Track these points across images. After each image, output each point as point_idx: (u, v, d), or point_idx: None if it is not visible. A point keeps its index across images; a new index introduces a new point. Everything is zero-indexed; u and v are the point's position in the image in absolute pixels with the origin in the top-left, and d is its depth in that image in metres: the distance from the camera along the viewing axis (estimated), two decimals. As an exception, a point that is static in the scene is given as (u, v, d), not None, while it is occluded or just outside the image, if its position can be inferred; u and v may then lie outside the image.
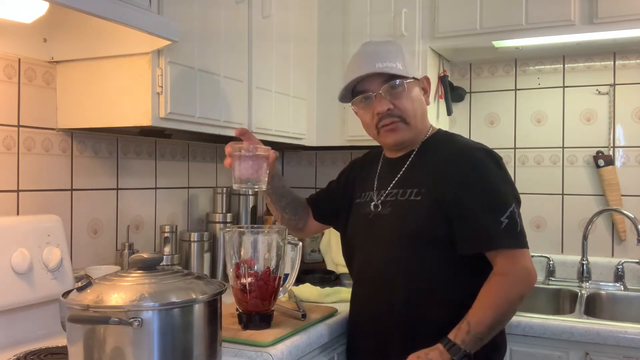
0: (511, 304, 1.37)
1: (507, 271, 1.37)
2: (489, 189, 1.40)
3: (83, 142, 1.78)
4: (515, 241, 1.38)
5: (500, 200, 1.39)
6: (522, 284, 1.39)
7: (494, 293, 1.37)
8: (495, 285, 1.38)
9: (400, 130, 1.50)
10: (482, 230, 1.38)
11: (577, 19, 2.05)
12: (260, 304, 1.45)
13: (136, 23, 1.38)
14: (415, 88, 1.52)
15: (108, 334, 1.05)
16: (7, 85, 1.57)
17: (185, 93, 1.66)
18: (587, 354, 1.74)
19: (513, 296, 1.37)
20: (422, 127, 1.54)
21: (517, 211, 1.40)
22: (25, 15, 1.44)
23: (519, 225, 1.39)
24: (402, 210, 1.48)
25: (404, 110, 1.48)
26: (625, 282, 2.25)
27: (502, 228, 1.36)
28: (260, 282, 1.44)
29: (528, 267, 1.40)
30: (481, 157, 1.44)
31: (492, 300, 1.36)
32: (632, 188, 2.34)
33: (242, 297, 1.45)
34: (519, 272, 1.38)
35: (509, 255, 1.38)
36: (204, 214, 2.28)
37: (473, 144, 1.52)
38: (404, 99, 1.48)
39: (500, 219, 1.36)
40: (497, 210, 1.37)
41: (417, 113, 1.51)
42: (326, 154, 2.80)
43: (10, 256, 1.40)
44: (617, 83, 2.37)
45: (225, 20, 1.83)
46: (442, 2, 2.24)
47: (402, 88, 1.47)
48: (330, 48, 2.39)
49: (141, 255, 1.17)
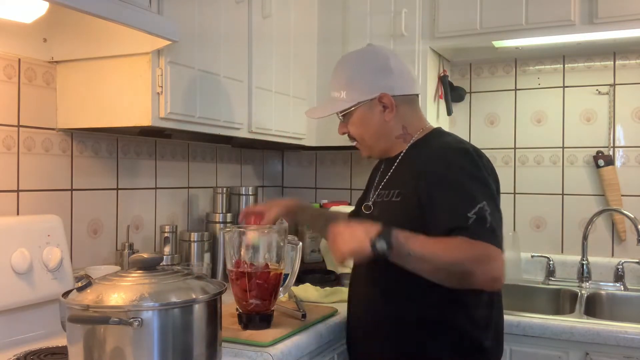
0: (456, 265, 1.25)
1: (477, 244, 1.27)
2: (458, 187, 1.37)
3: (83, 142, 1.78)
4: (482, 234, 1.28)
5: (468, 197, 1.34)
6: (480, 265, 1.25)
7: (457, 245, 1.26)
8: (461, 241, 1.27)
9: (362, 150, 1.62)
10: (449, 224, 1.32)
11: (577, 19, 2.05)
12: (260, 304, 1.45)
13: (136, 23, 1.38)
14: (363, 112, 1.53)
15: (108, 334, 1.05)
16: (7, 85, 1.57)
17: (185, 93, 1.66)
18: (587, 354, 1.74)
19: (465, 264, 1.25)
20: (381, 144, 1.56)
21: (490, 209, 1.31)
22: (25, 15, 1.44)
23: (488, 222, 1.30)
24: (384, 211, 1.50)
25: (354, 136, 1.58)
26: (625, 282, 2.25)
27: (470, 223, 1.30)
28: (260, 281, 1.44)
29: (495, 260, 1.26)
30: (456, 156, 1.43)
31: (448, 247, 1.26)
32: (632, 188, 2.34)
33: (242, 297, 1.45)
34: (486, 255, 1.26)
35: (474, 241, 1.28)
36: (204, 214, 2.28)
37: (454, 143, 1.49)
38: (352, 125, 1.56)
39: (467, 214, 1.31)
40: (465, 208, 1.31)
41: (367, 135, 1.55)
42: (326, 154, 2.80)
43: (10, 256, 1.40)
44: (617, 83, 2.37)
45: (225, 20, 1.83)
46: (442, 2, 2.24)
47: (348, 116, 1.55)
48: (330, 48, 2.39)
49: (141, 255, 1.17)
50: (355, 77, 1.54)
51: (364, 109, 1.53)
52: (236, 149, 2.52)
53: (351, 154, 2.75)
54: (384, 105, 1.52)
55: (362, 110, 1.53)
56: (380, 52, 1.57)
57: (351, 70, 1.55)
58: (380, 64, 1.54)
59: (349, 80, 1.54)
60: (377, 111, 1.52)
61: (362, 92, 1.52)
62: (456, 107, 2.56)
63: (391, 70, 1.53)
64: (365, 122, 1.54)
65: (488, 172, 1.43)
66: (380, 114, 1.52)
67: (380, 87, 1.51)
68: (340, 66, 1.59)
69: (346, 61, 1.59)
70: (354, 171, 2.75)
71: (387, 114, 1.53)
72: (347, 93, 1.52)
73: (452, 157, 1.44)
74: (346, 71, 1.56)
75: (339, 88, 1.54)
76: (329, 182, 2.80)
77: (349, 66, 1.57)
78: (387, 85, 1.52)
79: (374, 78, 1.52)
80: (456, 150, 1.45)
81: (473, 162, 1.42)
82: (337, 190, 2.77)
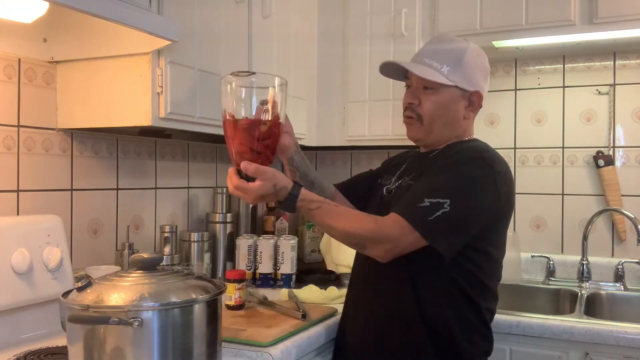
0: (347, 239, 1.40)
1: (383, 225, 1.35)
2: (443, 177, 1.39)
3: (83, 142, 1.78)
4: (413, 217, 1.33)
5: (440, 187, 1.36)
6: (370, 243, 1.36)
7: (354, 220, 1.38)
8: (365, 218, 1.38)
9: (413, 127, 1.54)
10: (407, 199, 1.38)
11: (577, 19, 2.05)
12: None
13: (136, 23, 1.38)
14: (452, 95, 1.50)
15: (108, 334, 1.05)
16: (7, 85, 1.57)
17: (185, 93, 1.66)
18: (587, 354, 1.74)
19: (355, 238, 1.38)
20: (442, 134, 1.53)
21: (449, 209, 1.32)
22: (25, 15, 1.44)
23: (434, 216, 1.31)
24: (400, 194, 1.50)
25: (424, 110, 1.50)
26: (625, 282, 2.25)
27: (419, 205, 1.33)
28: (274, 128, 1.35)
29: (387, 241, 1.34)
30: (471, 161, 1.42)
31: (345, 222, 1.37)
32: (632, 188, 2.34)
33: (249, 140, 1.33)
34: (386, 231, 1.34)
35: (397, 219, 1.34)
36: (204, 214, 2.28)
37: (480, 152, 1.46)
38: (429, 101, 1.49)
39: (424, 198, 1.33)
40: (430, 193, 1.34)
41: (438, 118, 1.50)
42: (326, 154, 2.80)
43: (10, 256, 1.40)
44: (617, 83, 2.37)
45: (225, 20, 1.83)
46: (442, 2, 2.24)
47: (433, 90, 1.49)
48: (330, 48, 2.39)
49: (141, 255, 1.17)
50: (466, 62, 1.50)
51: (455, 95, 1.50)
52: (236, 149, 2.52)
53: (351, 154, 2.75)
54: (472, 102, 1.52)
55: (452, 95, 1.50)
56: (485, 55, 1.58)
57: (465, 53, 1.51)
58: (486, 65, 1.56)
59: (459, 60, 1.49)
60: (463, 104, 1.52)
61: (464, 78, 1.49)
62: (456, 107, 2.55)
63: (488, 75, 1.57)
64: (447, 107, 1.50)
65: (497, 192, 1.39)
66: (463, 108, 1.52)
67: (479, 85, 1.52)
68: (451, 43, 1.54)
69: (460, 42, 1.54)
70: (354, 171, 2.74)
71: (470, 111, 1.53)
72: (451, 70, 1.48)
73: (464, 156, 1.44)
74: (460, 51, 1.51)
75: (443, 61, 1.49)
76: (329, 182, 2.79)
77: (463, 48, 1.52)
78: (483, 86, 1.54)
79: (479, 74, 1.52)
80: (474, 154, 1.45)
81: (480, 169, 1.40)
82: (337, 190, 2.76)
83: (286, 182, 1.36)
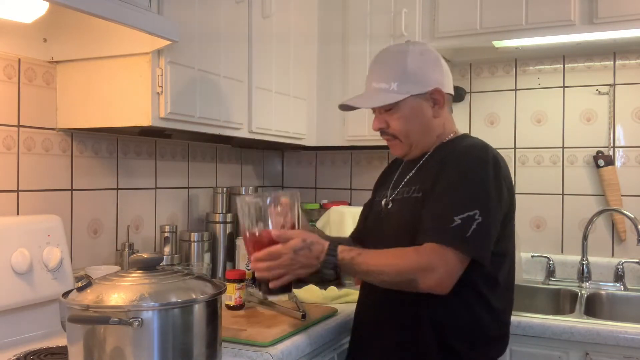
0: (398, 276, 1.34)
1: (424, 254, 1.33)
2: (459, 187, 1.38)
3: (83, 142, 1.78)
4: (452, 240, 1.32)
5: (463, 201, 1.35)
6: (420, 274, 1.32)
7: (397, 256, 1.35)
8: (405, 252, 1.35)
9: (396, 147, 1.54)
10: (434, 222, 1.36)
11: (577, 19, 2.05)
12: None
13: (136, 23, 1.38)
14: (413, 105, 1.48)
15: (108, 334, 1.05)
16: (7, 85, 1.57)
17: (185, 93, 1.66)
18: (587, 354, 1.74)
19: (404, 274, 1.33)
20: (424, 141, 1.52)
21: (482, 218, 1.32)
22: (25, 15, 1.44)
23: (470, 231, 1.31)
24: (404, 206, 1.49)
25: (395, 130, 1.50)
26: (625, 282, 2.25)
27: (452, 226, 1.32)
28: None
29: (436, 269, 1.31)
30: (471, 158, 1.42)
31: (390, 259, 1.35)
32: (632, 188, 2.34)
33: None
34: (431, 259, 1.32)
35: (435, 248, 1.33)
36: (204, 214, 2.28)
37: (475, 147, 1.47)
38: (394, 120, 1.49)
39: (454, 217, 1.32)
40: (458, 209, 1.33)
41: (412, 131, 1.49)
42: (326, 154, 2.80)
43: (10, 256, 1.40)
44: (617, 83, 2.37)
45: (225, 21, 1.84)
46: (442, 2, 2.24)
47: (393, 109, 1.48)
48: (330, 48, 2.40)
49: (141, 255, 1.17)
50: (411, 69, 1.47)
51: (415, 103, 1.48)
52: (236, 149, 2.52)
53: (351, 154, 2.75)
54: (435, 101, 1.49)
55: (412, 104, 1.48)
56: (432, 48, 1.55)
57: (406, 61, 1.48)
58: (434, 58, 1.51)
59: (403, 71, 1.47)
60: (427, 106, 1.49)
61: (416, 84, 1.47)
62: (456, 107, 2.55)
63: (442, 66, 1.52)
64: (414, 117, 1.49)
65: (506, 187, 1.41)
66: (429, 110, 1.50)
67: (434, 81, 1.48)
68: (389, 57, 1.52)
69: (398, 53, 1.51)
70: (354, 171, 2.75)
71: (437, 110, 1.50)
72: (400, 85, 1.46)
73: (467, 159, 1.42)
74: (400, 62, 1.48)
75: (389, 79, 1.47)
76: (329, 182, 2.80)
77: (403, 57, 1.49)
78: (440, 80, 1.50)
79: (430, 71, 1.49)
80: (475, 154, 1.43)
81: (486, 168, 1.39)
82: (337, 190, 2.77)
83: (315, 238, 1.37)
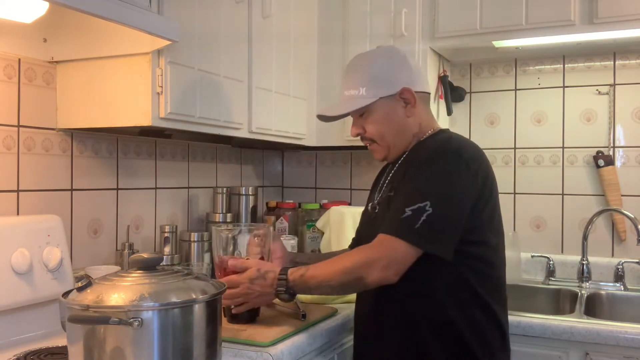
0: (345, 277, 1.38)
1: (371, 247, 1.38)
2: (416, 181, 1.40)
3: (83, 142, 1.78)
4: (399, 230, 1.34)
5: (416, 192, 1.37)
6: (365, 269, 1.36)
7: (342, 259, 1.41)
8: (352, 252, 1.43)
9: (376, 151, 1.58)
10: (390, 216, 1.40)
11: (577, 19, 2.05)
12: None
13: (136, 23, 1.38)
14: (384, 107, 1.51)
15: (108, 334, 1.05)
16: (7, 85, 1.57)
17: (185, 93, 1.66)
18: (587, 354, 1.74)
19: (351, 273, 1.37)
20: (401, 142, 1.54)
21: (432, 210, 1.33)
22: (25, 15, 1.44)
23: (420, 222, 1.32)
24: (383, 208, 1.51)
25: (371, 134, 1.54)
26: (625, 282, 2.25)
27: (402, 217, 1.34)
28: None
29: (375, 262, 1.35)
30: (434, 151, 1.45)
31: (336, 264, 1.40)
32: (632, 188, 2.34)
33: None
34: (374, 252, 1.36)
35: (384, 238, 1.36)
36: (204, 214, 2.28)
37: (442, 141, 1.49)
38: (369, 124, 1.53)
39: (405, 208, 1.35)
40: (408, 201, 1.36)
41: (387, 133, 1.52)
42: (326, 154, 2.80)
43: (10, 256, 1.40)
44: (617, 83, 2.37)
45: (225, 20, 1.84)
46: (442, 2, 2.24)
47: (366, 114, 1.52)
48: (330, 48, 2.40)
49: (141, 255, 1.17)
50: (377, 72, 1.51)
51: (386, 105, 1.51)
52: (236, 149, 2.52)
53: (351, 154, 2.75)
54: (406, 100, 1.51)
55: (384, 107, 1.51)
56: (398, 49, 1.58)
57: (372, 66, 1.53)
58: (400, 59, 1.54)
59: (370, 75, 1.51)
60: (398, 107, 1.52)
61: (384, 87, 1.50)
62: (456, 107, 2.56)
63: (410, 65, 1.54)
64: (387, 119, 1.52)
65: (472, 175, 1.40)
66: (401, 110, 1.52)
67: (402, 82, 1.50)
68: (357, 64, 1.56)
69: (364, 59, 1.57)
70: (354, 171, 2.75)
71: (409, 109, 1.52)
72: (368, 89, 1.50)
73: (430, 152, 1.45)
74: (366, 67, 1.53)
75: (357, 85, 1.51)
76: (329, 182, 2.80)
77: (369, 62, 1.54)
78: (409, 80, 1.51)
79: (396, 73, 1.51)
80: (438, 147, 1.46)
81: (449, 160, 1.40)
82: (337, 190, 2.77)
83: (270, 267, 1.45)
